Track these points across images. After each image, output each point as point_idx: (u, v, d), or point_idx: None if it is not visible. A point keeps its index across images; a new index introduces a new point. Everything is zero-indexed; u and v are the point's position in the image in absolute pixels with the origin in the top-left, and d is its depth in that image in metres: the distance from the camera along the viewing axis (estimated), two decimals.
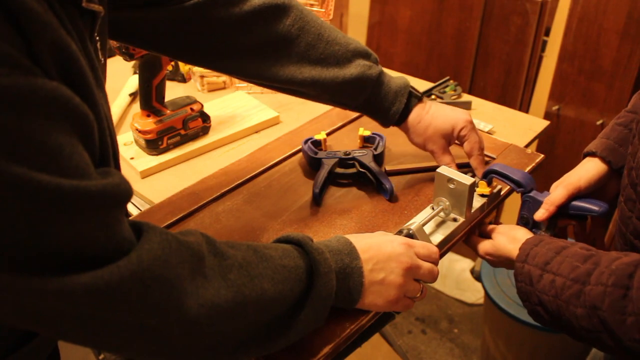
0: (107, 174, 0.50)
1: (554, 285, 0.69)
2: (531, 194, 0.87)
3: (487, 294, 1.75)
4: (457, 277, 2.27)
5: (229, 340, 0.59)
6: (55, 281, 0.46)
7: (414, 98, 0.95)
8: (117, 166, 0.60)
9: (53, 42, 0.46)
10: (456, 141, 0.98)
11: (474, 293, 2.23)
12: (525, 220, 0.88)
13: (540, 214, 0.84)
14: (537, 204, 0.86)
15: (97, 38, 0.59)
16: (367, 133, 1.08)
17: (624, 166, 0.79)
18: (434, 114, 0.95)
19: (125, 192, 0.51)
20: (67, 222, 0.46)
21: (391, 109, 0.94)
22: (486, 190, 0.93)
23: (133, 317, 0.51)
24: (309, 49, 0.88)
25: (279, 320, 0.64)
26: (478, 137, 0.96)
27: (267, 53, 0.88)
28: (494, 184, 0.95)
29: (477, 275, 2.04)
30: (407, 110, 0.95)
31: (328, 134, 1.12)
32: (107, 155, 0.55)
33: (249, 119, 1.23)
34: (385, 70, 0.97)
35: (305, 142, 1.05)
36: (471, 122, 0.95)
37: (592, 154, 0.86)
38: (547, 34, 1.88)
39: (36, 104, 0.43)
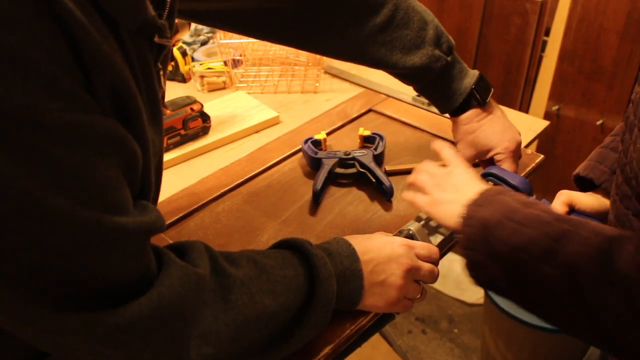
0: (145, 209, 0.51)
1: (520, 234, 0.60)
2: None
3: (487, 294, 1.75)
4: (457, 277, 2.27)
5: (231, 357, 0.59)
6: (76, 318, 0.46)
7: (474, 100, 0.94)
8: (156, 201, 0.60)
9: (113, 81, 0.46)
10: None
11: (474, 293, 2.23)
12: None
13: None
14: None
15: (160, 67, 0.59)
16: (367, 133, 1.08)
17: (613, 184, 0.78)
18: (483, 126, 0.94)
19: (159, 229, 0.52)
20: (101, 256, 0.46)
21: (446, 104, 0.95)
22: None
23: (147, 351, 0.51)
24: (378, 31, 0.89)
25: (282, 330, 0.63)
26: (513, 167, 0.93)
27: (335, 31, 0.90)
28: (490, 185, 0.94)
29: None
30: (461, 109, 0.95)
31: (328, 134, 1.11)
32: (148, 190, 0.55)
33: (249, 119, 1.23)
34: None
35: (305, 142, 1.05)
36: (512, 152, 0.93)
37: (578, 177, 0.86)
38: (547, 34, 1.88)
39: (90, 140, 0.43)
